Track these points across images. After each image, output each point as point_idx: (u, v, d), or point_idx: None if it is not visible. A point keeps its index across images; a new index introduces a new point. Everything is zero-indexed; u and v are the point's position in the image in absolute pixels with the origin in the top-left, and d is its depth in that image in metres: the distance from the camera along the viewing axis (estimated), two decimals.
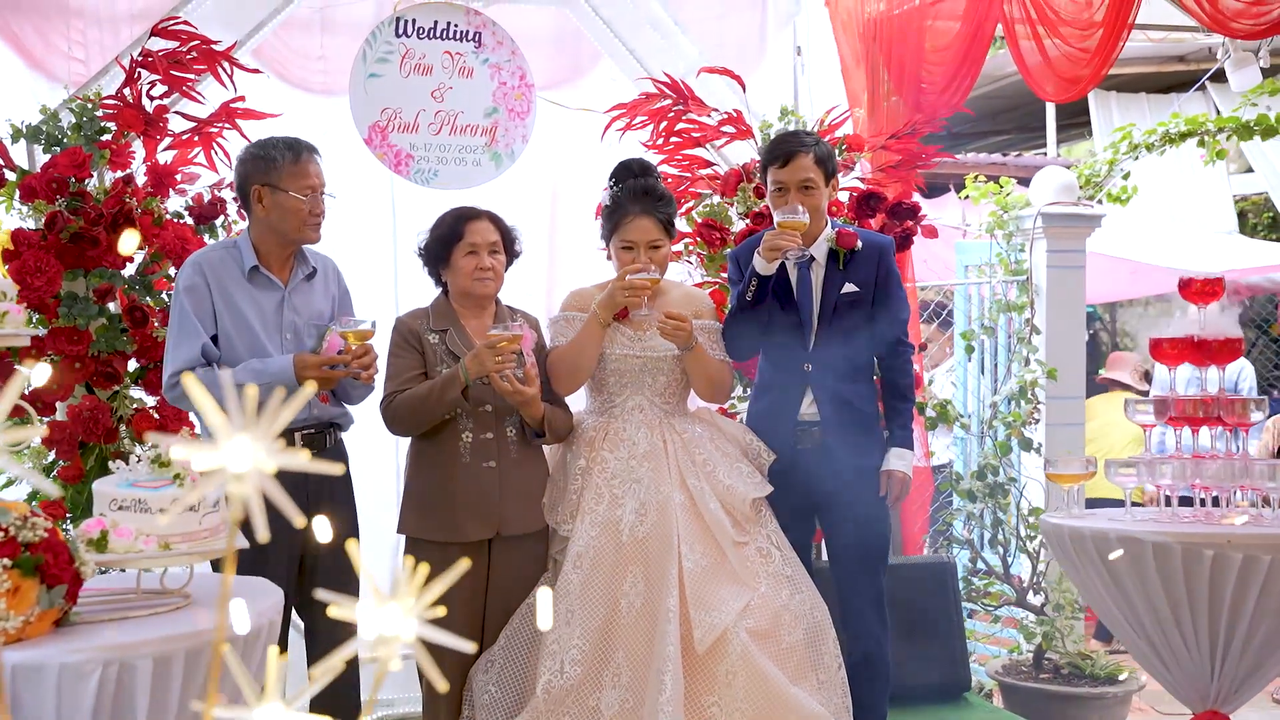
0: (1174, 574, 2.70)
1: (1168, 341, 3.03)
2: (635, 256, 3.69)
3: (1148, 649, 2.91)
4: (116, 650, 2.12)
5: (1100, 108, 8.82)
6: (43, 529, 2.14)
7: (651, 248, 3.69)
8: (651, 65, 4.97)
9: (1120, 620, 2.95)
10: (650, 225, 3.70)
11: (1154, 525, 2.90)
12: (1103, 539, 2.83)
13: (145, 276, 4.18)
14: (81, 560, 2.21)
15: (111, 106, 4.22)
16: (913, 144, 4.75)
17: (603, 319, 3.65)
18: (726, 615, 3.41)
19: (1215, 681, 2.80)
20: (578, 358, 3.70)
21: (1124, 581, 2.83)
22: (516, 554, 3.64)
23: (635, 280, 3.55)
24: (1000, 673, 5.31)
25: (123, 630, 2.23)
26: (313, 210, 3.56)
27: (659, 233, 3.71)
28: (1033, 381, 5.52)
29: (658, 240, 3.71)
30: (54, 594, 2.13)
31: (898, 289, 3.83)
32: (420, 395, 3.53)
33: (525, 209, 4.63)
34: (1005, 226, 5.77)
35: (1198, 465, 2.96)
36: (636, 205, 3.72)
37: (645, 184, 3.81)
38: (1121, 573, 2.81)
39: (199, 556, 2.42)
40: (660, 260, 3.72)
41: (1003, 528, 5.46)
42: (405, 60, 4.85)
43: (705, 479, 3.63)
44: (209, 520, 2.43)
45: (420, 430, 3.63)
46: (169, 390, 3.56)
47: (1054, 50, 4.55)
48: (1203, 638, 2.74)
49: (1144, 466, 3.01)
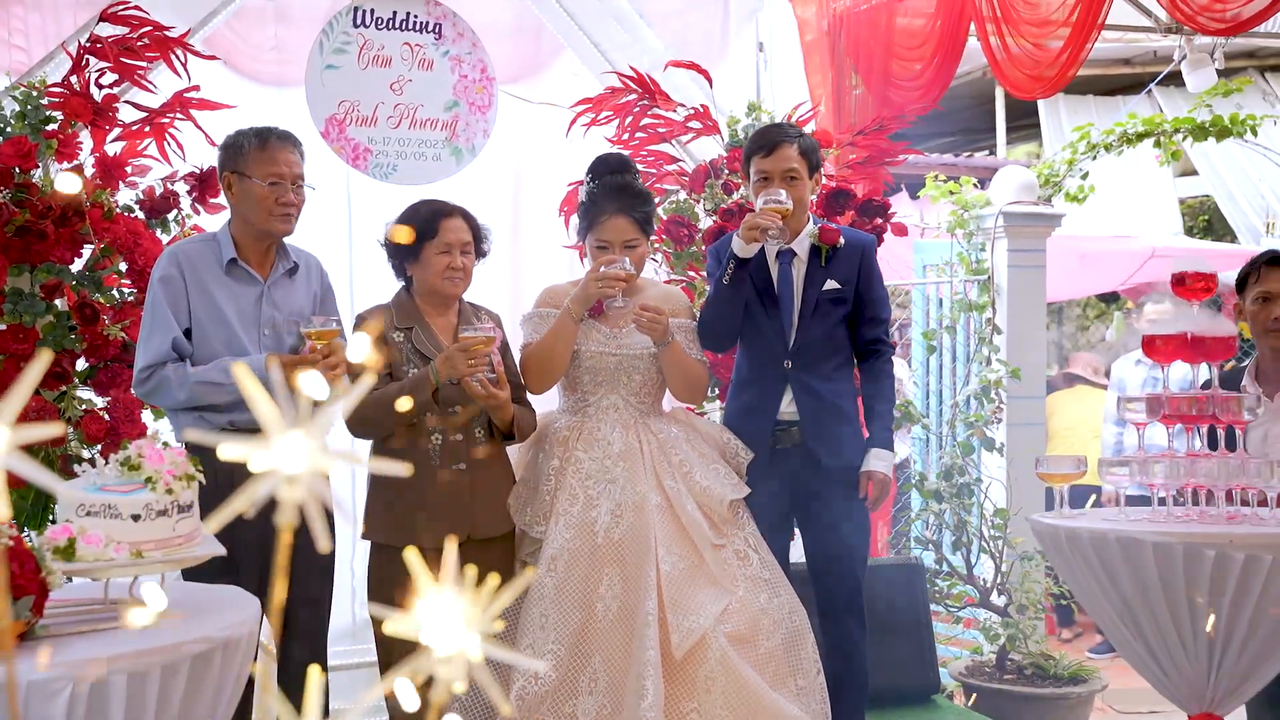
0: (1174, 574, 2.66)
1: (1161, 339, 2.99)
2: (610, 255, 3.59)
3: (1143, 651, 2.87)
4: (88, 665, 1.99)
5: (1049, 110, 8.88)
6: (7, 537, 2.00)
7: (627, 247, 3.61)
8: (616, 59, 4.87)
9: (1115, 622, 2.90)
10: (626, 224, 3.62)
11: (1151, 525, 2.86)
12: (1100, 540, 2.78)
13: (95, 272, 4.00)
14: (49, 570, 2.08)
15: (58, 95, 4.04)
16: (881, 140, 4.69)
17: (576, 314, 3.55)
18: (705, 619, 3.33)
19: (1212, 683, 2.76)
20: (550, 355, 3.60)
21: (1121, 582, 2.78)
22: (485, 558, 3.52)
23: (609, 271, 3.45)
24: (964, 674, 5.28)
25: (93, 644, 2.10)
26: (280, 199, 3.42)
27: (635, 232, 3.63)
28: (996, 381, 5.50)
29: (633, 240, 3.62)
30: (20, 606, 2.00)
31: (880, 287, 3.77)
32: (388, 397, 3.40)
33: (487, 206, 4.51)
34: (966, 226, 5.75)
35: (1192, 464, 2.92)
36: (612, 204, 3.63)
37: (622, 181, 3.72)
38: (1120, 573, 2.76)
39: (173, 565, 2.29)
40: (637, 260, 3.64)
41: (966, 528, 5.43)
42: (363, 51, 4.71)
43: (682, 480, 3.54)
44: (183, 526, 2.29)
45: (384, 433, 3.50)
46: (138, 386, 3.41)
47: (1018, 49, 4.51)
48: (1201, 639, 2.70)
49: (1136, 465, 2.97)
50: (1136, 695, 5.65)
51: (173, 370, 3.32)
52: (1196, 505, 2.95)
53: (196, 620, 2.25)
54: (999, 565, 5.37)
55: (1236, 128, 5.69)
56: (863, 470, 3.70)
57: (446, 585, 0.93)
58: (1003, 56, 4.51)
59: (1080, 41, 4.09)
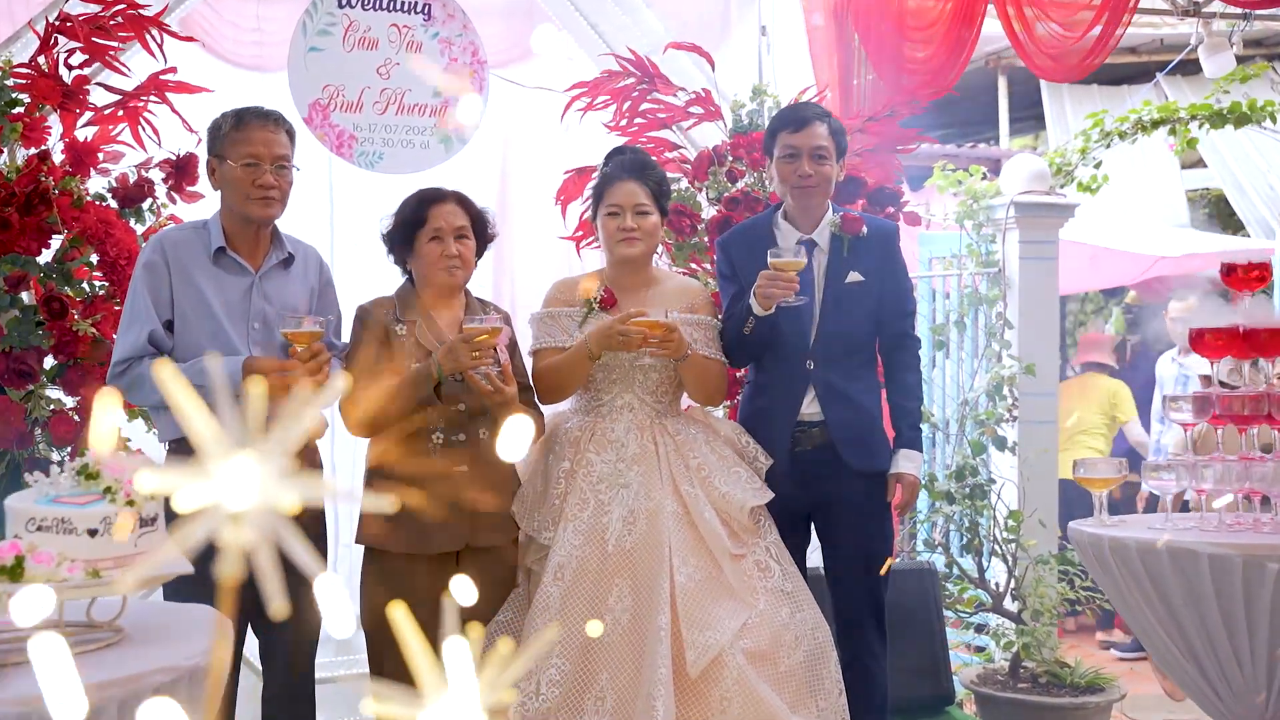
0: (1232, 588, 2.45)
1: (1210, 332, 2.78)
2: (621, 221, 3.44)
3: (1193, 670, 2.66)
4: (32, 703, 1.76)
5: (1053, 100, 8.67)
6: None
7: (638, 213, 3.45)
8: (614, 41, 4.65)
9: (1162, 637, 2.69)
10: (635, 188, 3.45)
11: (1204, 535, 2.64)
12: (1149, 551, 2.57)
13: (64, 264, 3.76)
14: None
15: (24, 76, 3.80)
16: (892, 127, 4.48)
17: (594, 354, 3.35)
18: (722, 635, 3.10)
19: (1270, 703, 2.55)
20: (563, 382, 3.45)
21: (1171, 596, 2.57)
22: (486, 567, 3.31)
23: (634, 326, 3.24)
24: (975, 682, 5.07)
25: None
26: (256, 181, 3.19)
27: (644, 197, 3.46)
28: (1009, 378, 5.29)
29: (644, 205, 3.46)
30: None
31: (905, 278, 3.57)
32: (386, 395, 3.19)
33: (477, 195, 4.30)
34: (975, 216, 5.54)
35: (1246, 468, 2.71)
36: (624, 172, 3.50)
37: (635, 157, 3.60)
38: (1169, 586, 2.55)
39: (133, 586, 2.07)
40: (648, 229, 3.47)
41: (978, 531, 5.22)
42: (349, 33, 4.48)
43: (700, 485, 3.32)
44: (145, 542, 2.07)
45: (382, 431, 3.28)
46: (112, 380, 3.18)
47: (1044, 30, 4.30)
48: (1260, 659, 2.49)
49: (1183, 469, 2.76)
50: (1152, 702, 5.47)
51: (148, 367, 3.11)
52: (1250, 513, 2.74)
53: (160, 647, 2.03)
54: (1012, 569, 5.16)
55: (1255, 114, 5.50)
56: (891, 473, 3.50)
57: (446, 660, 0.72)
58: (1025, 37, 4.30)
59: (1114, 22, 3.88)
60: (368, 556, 3.35)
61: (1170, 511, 2.93)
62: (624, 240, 3.45)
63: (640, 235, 3.45)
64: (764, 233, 3.61)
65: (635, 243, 3.45)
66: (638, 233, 3.44)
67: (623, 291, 3.51)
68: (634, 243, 3.45)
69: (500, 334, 3.19)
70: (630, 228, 3.43)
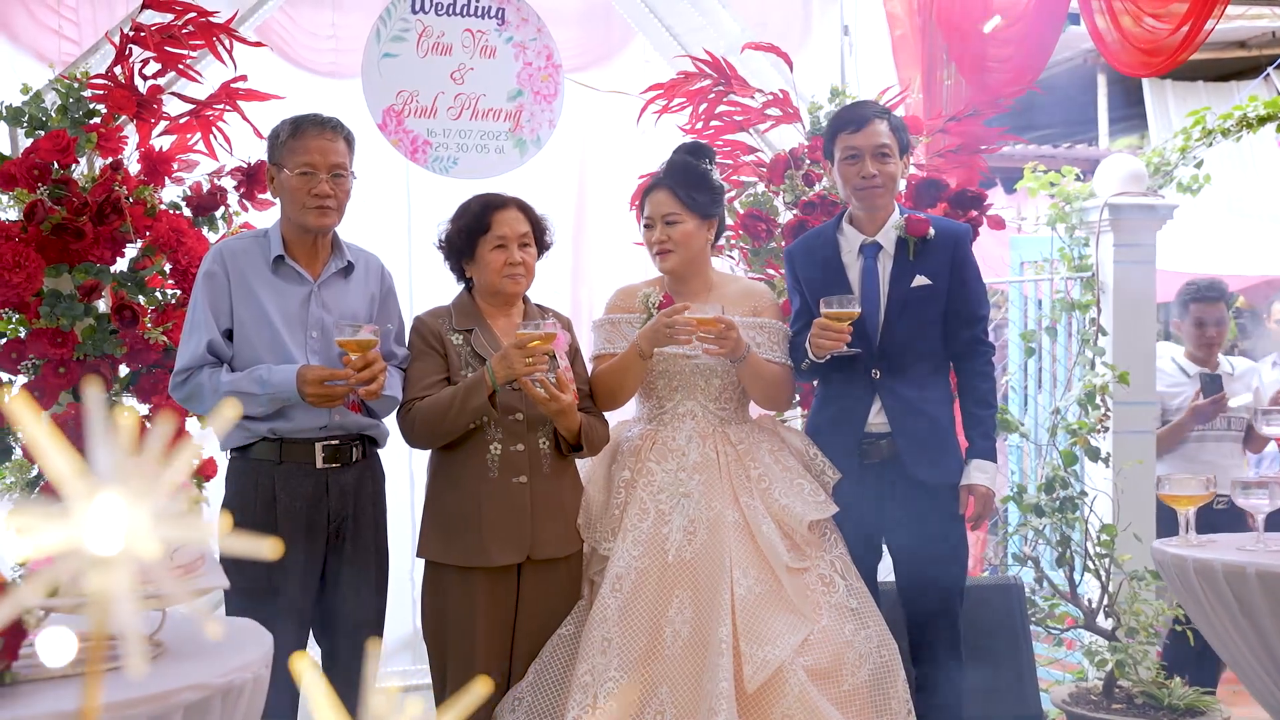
0: None
1: None
2: (653, 234, 3.39)
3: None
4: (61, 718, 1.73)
5: (1156, 97, 8.38)
6: None
7: (668, 223, 3.38)
8: (690, 43, 4.57)
9: (1251, 664, 2.54)
10: (664, 198, 3.38)
11: None
12: (1238, 575, 2.41)
13: (136, 272, 3.79)
14: (25, 609, 1.83)
15: (101, 87, 3.83)
16: (975, 126, 4.33)
17: (645, 353, 3.28)
18: (782, 650, 3.00)
19: None
20: (619, 386, 3.38)
21: (1262, 622, 2.41)
22: (548, 580, 3.25)
23: (682, 318, 3.17)
24: (1067, 701, 4.87)
25: (74, 691, 1.85)
26: (312, 190, 3.17)
27: (674, 206, 3.37)
28: (1102, 386, 5.09)
29: (672, 214, 3.38)
30: None
31: (975, 282, 3.43)
32: (442, 403, 3.15)
33: (552, 200, 4.25)
34: (1067, 219, 5.35)
35: None
36: (661, 179, 3.43)
37: (673, 160, 3.51)
38: (1259, 611, 2.39)
39: (165, 601, 2.03)
40: (679, 237, 3.38)
41: (1070, 545, 5.03)
42: (422, 39, 4.46)
43: (760, 496, 3.23)
44: (182, 555, 2.04)
45: (441, 443, 3.24)
46: (174, 390, 3.21)
47: (1129, 24, 4.12)
48: None
49: (1277, 487, 2.60)
50: None
51: (207, 376, 3.11)
52: None
53: (198, 662, 2.00)
54: (1105, 585, 4.97)
55: None
56: (963, 484, 3.36)
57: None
58: (1111, 34, 4.12)
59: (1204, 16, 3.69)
60: (429, 569, 3.31)
61: (1261, 531, 2.76)
62: (658, 254, 3.40)
63: (672, 246, 3.37)
64: (828, 242, 3.51)
65: (668, 255, 3.39)
66: (669, 244, 3.37)
67: (682, 297, 3.43)
68: (666, 255, 3.39)
69: (555, 340, 3.12)
70: (661, 240, 3.37)
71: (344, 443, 3.23)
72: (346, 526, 3.22)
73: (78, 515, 0.57)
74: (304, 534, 3.14)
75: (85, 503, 0.57)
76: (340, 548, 3.22)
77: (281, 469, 3.16)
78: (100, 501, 0.57)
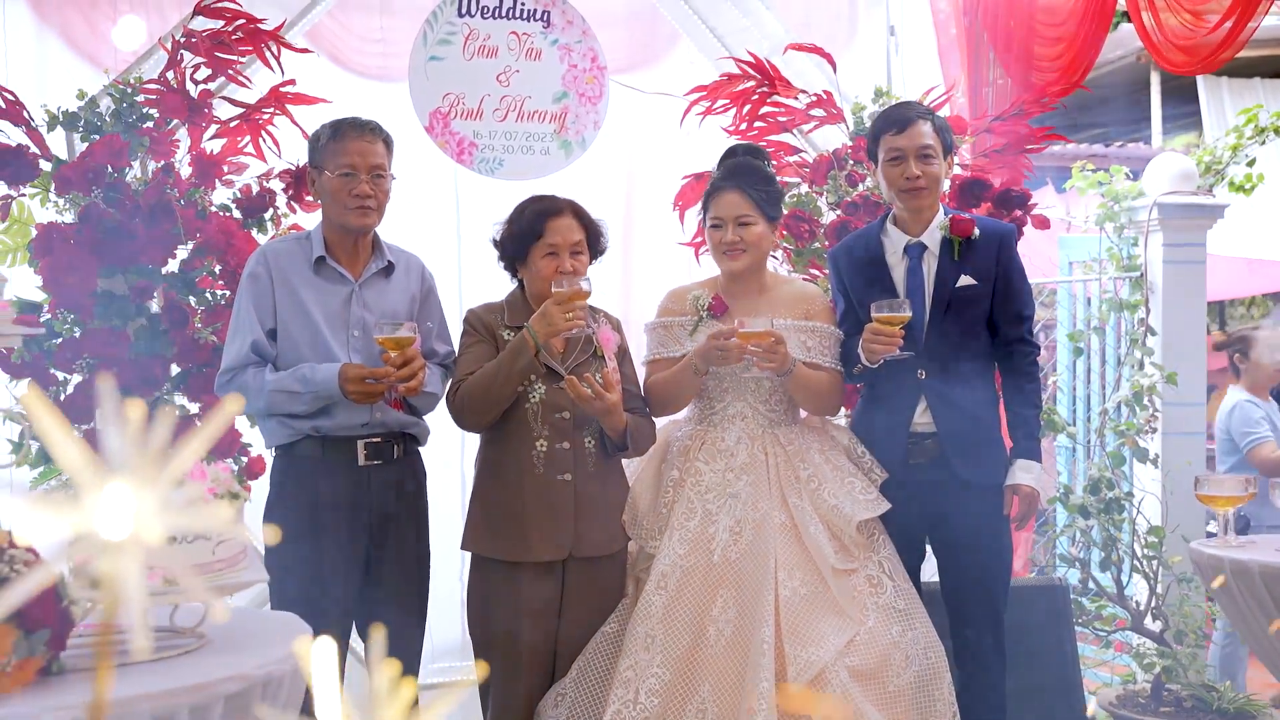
0: None
1: None
2: (723, 235, 3.39)
3: None
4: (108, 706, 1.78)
5: (1210, 95, 8.28)
6: (21, 563, 1.81)
7: (741, 224, 3.38)
8: (733, 44, 4.59)
9: None
10: (737, 199, 3.38)
11: None
12: (1273, 575, 2.40)
13: (187, 273, 3.87)
14: (71, 599, 1.89)
15: (153, 92, 3.91)
16: (1021, 126, 4.31)
17: (700, 369, 3.31)
18: (825, 652, 3.02)
19: None
20: (673, 396, 3.43)
21: None
22: (592, 577, 3.28)
23: (731, 338, 3.19)
24: (1114, 704, 4.84)
25: (119, 680, 1.90)
26: (352, 191, 3.23)
27: (747, 207, 3.38)
28: (1150, 387, 5.04)
29: (745, 216, 3.38)
30: (34, 640, 1.81)
31: (1021, 281, 3.42)
32: (489, 373, 3.19)
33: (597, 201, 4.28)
34: (1116, 219, 5.31)
35: None
36: (727, 180, 3.44)
37: (739, 161, 3.53)
38: None
39: (212, 592, 2.09)
40: (751, 239, 3.39)
41: (1117, 546, 4.99)
42: (468, 42, 4.51)
43: (808, 497, 3.25)
44: (224, 549, 2.09)
45: (492, 416, 3.24)
46: (219, 390, 3.29)
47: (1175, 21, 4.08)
48: None
49: None
50: None
51: (252, 376, 3.18)
52: None
53: (239, 654, 2.05)
54: (1154, 587, 4.92)
55: None
56: (1007, 484, 3.36)
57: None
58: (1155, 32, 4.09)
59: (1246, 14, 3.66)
60: (474, 563, 3.35)
61: None
62: (728, 254, 3.40)
63: (744, 247, 3.39)
64: (872, 243, 3.52)
65: (740, 255, 3.40)
66: (741, 244, 3.38)
67: (735, 299, 3.45)
68: (738, 256, 3.40)
69: (587, 294, 3.15)
70: (733, 240, 3.38)
71: (385, 440, 3.28)
72: (388, 523, 3.27)
73: (112, 509, 0.60)
74: (346, 530, 3.20)
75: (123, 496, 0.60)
76: (383, 543, 3.27)
77: (324, 465, 3.22)
78: (135, 495, 0.60)
